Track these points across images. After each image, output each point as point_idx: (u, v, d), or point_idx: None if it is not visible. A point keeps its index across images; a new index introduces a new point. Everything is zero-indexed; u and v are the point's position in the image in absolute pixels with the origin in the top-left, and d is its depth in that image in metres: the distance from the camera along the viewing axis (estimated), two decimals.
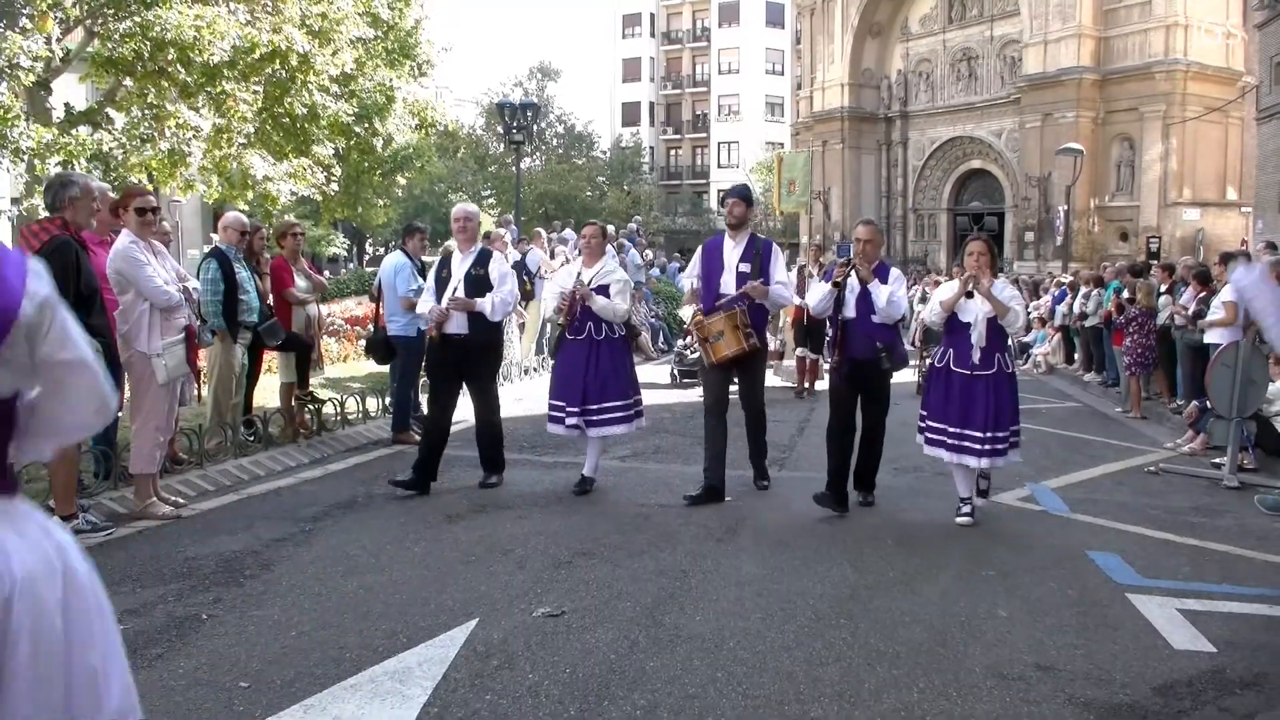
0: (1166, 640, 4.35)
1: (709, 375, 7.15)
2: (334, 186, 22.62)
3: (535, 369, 14.36)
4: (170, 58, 17.92)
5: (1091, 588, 5.08)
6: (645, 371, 13.98)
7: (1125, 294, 13.12)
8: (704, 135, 66.10)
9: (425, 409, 9.36)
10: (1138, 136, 33.42)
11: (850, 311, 6.56)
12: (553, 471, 7.79)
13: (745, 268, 6.91)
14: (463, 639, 4.02)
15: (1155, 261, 22.17)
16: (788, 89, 62.22)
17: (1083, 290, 16.39)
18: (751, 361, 7.09)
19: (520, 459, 8.24)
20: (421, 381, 9.03)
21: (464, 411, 7.54)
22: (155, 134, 18.93)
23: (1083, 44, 33.73)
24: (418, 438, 9.19)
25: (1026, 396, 8.47)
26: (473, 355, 7.16)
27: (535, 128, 34.58)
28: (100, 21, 18.58)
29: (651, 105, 67.88)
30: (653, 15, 67.68)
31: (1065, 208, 26.54)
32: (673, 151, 68.21)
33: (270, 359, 9.58)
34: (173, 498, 6.48)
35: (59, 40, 16.70)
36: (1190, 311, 11.84)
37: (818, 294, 6.82)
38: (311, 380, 9.43)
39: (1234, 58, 32.79)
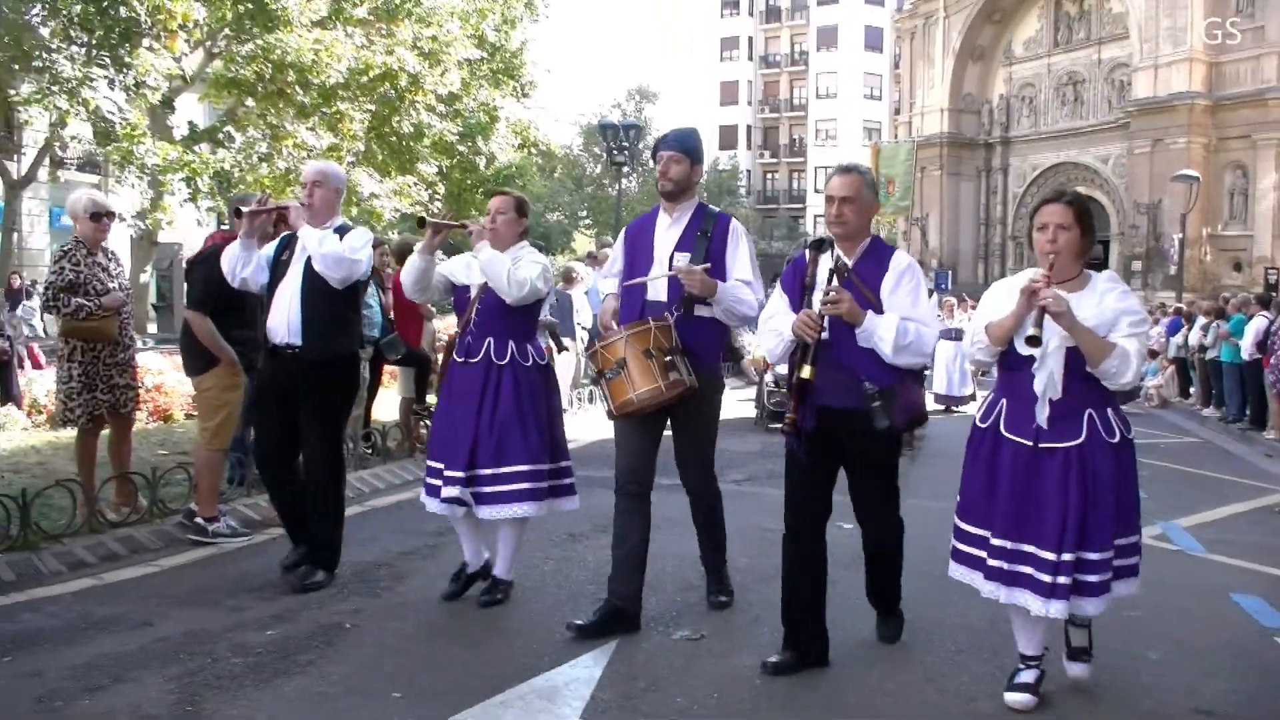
0: None
1: (620, 430, 4.62)
2: (437, 205, 23.14)
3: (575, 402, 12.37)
4: (290, 79, 18.62)
5: (1239, 631, 4.90)
6: (736, 406, 13.84)
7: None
8: (801, 159, 65.94)
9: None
10: (1251, 164, 32.51)
11: (825, 328, 3.91)
12: (671, 494, 7.77)
13: (682, 259, 4.49)
14: (605, 660, 4.04)
15: (1275, 293, 21.52)
16: (885, 113, 61.84)
17: (1200, 321, 15.94)
18: (687, 409, 4.49)
19: (601, 478, 8.24)
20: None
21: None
22: (274, 152, 19.66)
23: (1194, 69, 32.96)
24: None
25: (1142, 431, 6.92)
26: (308, 381, 5.00)
27: (635, 149, 34.95)
28: (222, 43, 19.39)
29: (749, 128, 67.99)
30: (751, 39, 67.91)
31: (1180, 236, 25.89)
32: (769, 175, 68.20)
33: (390, 373, 9.80)
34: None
35: (182, 58, 17.40)
36: None
37: (774, 330, 4.13)
38: (430, 396, 9.63)
39: None
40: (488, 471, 4.64)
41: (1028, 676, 3.81)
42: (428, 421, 9.07)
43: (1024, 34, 41.37)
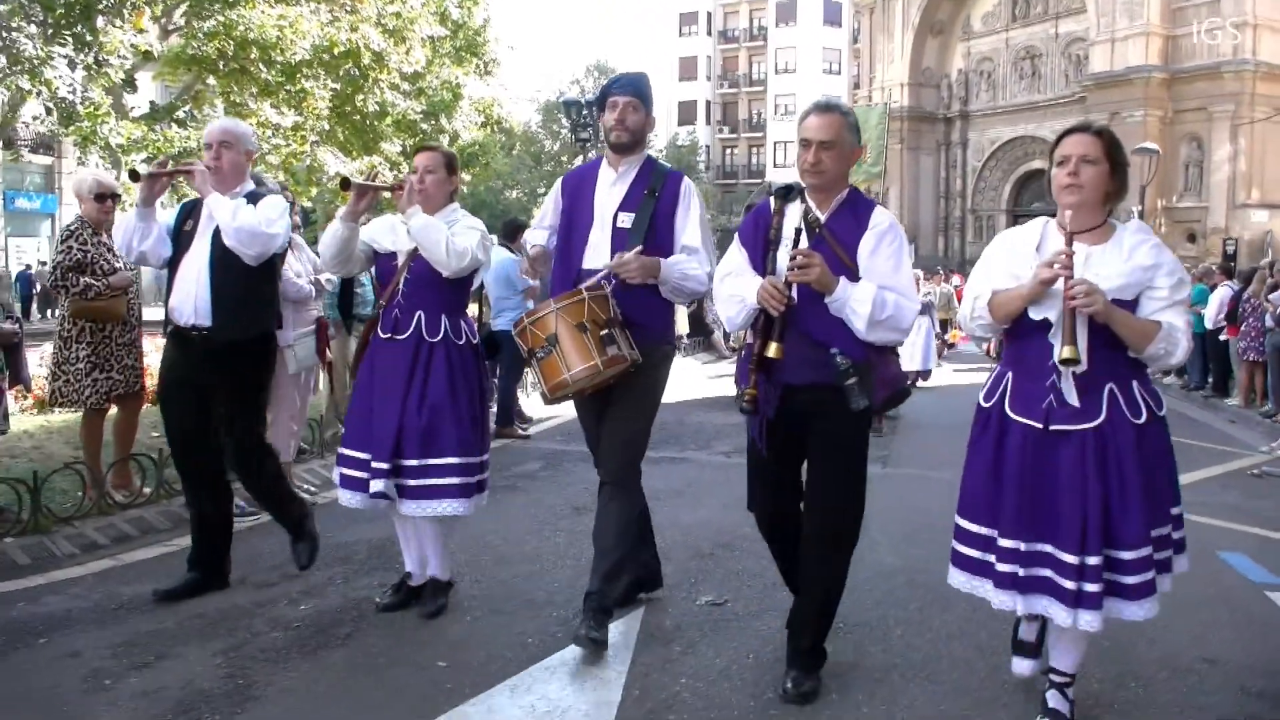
0: None
1: (579, 416, 4.35)
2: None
3: None
4: (252, 56, 18.42)
5: (1230, 586, 5.15)
6: (709, 384, 14.04)
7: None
8: (760, 135, 66.13)
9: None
10: (1206, 137, 33.11)
11: (792, 293, 3.39)
12: (660, 466, 7.91)
13: (627, 221, 4.01)
14: (637, 626, 4.15)
15: (1233, 264, 21.98)
16: (845, 88, 62.05)
17: None
18: (624, 388, 3.98)
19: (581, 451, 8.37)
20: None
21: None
22: None
23: (1150, 42, 33.48)
24: (520, 432, 9.44)
25: None
26: (219, 367, 4.45)
27: (598, 125, 34.95)
28: (180, 20, 19.12)
29: (708, 104, 68.02)
30: (710, 14, 67.85)
31: (1140, 208, 26.33)
32: (729, 150, 68.30)
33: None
34: (304, 485, 6.72)
35: (141, 34, 17.13)
36: (1277, 312, 11.81)
37: (733, 294, 3.58)
38: None
39: None
40: (414, 462, 4.10)
41: (1054, 701, 3.29)
42: None
43: (982, 9, 41.75)
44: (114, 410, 6.15)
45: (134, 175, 4.40)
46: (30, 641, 3.94)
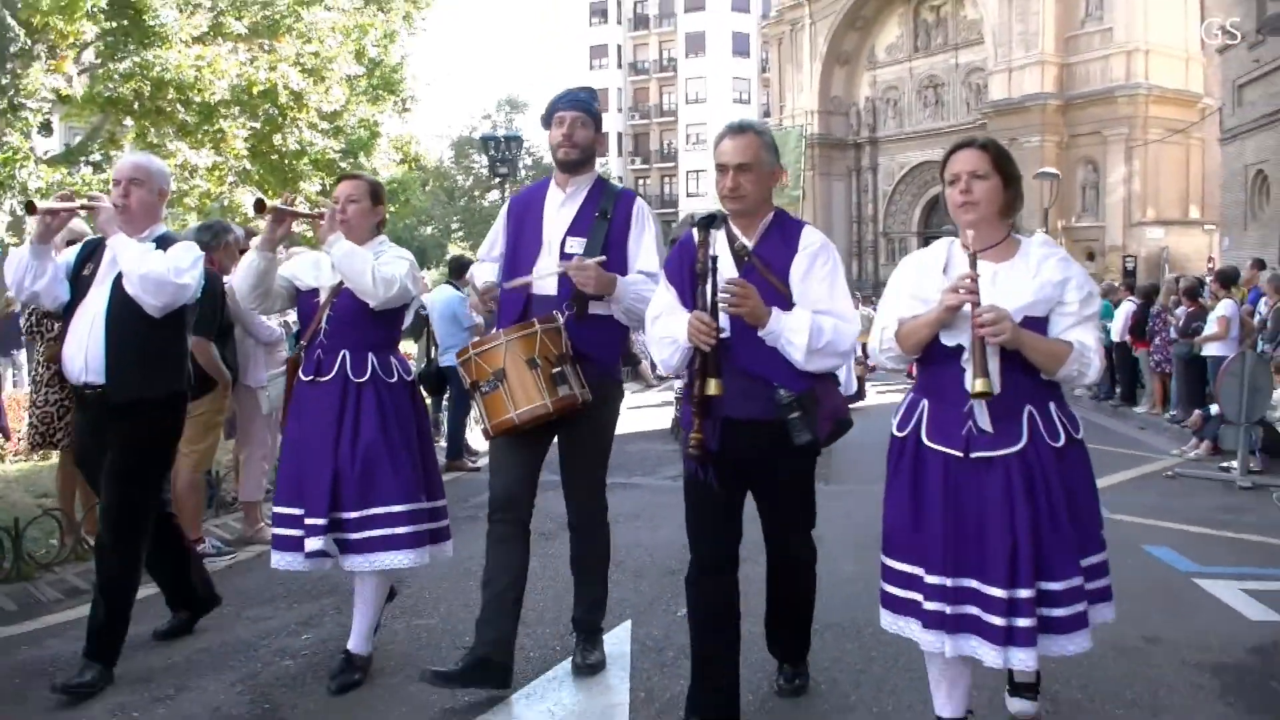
0: (1242, 614, 4.95)
1: (495, 447, 3.98)
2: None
3: None
4: (170, 96, 18.35)
5: (1161, 575, 5.64)
6: (636, 415, 14.31)
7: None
8: (672, 165, 66.98)
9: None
10: (1101, 159, 34.49)
11: (723, 325, 3.26)
12: (613, 491, 8.08)
13: (577, 246, 3.81)
14: (628, 637, 4.42)
15: (1133, 280, 23.02)
16: (755, 116, 63.25)
17: None
18: (578, 420, 3.83)
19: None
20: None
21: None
22: None
23: (1046, 71, 34.83)
24: (470, 465, 9.64)
25: None
26: (113, 428, 4.04)
27: (515, 160, 35.19)
28: (94, 60, 18.95)
29: (620, 135, 68.67)
30: (620, 46, 68.65)
31: (1044, 229, 27.45)
32: (641, 181, 68.97)
33: None
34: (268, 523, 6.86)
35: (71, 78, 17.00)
36: (1181, 325, 12.58)
37: (664, 335, 3.44)
38: None
39: (1193, 80, 34.00)
40: (354, 515, 3.85)
41: (1023, 677, 3.31)
42: None
43: (886, 39, 43.04)
44: None
45: (30, 208, 4.00)
46: (45, 682, 4.02)
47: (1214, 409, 10.34)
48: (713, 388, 3.17)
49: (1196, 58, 33.84)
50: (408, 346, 11.36)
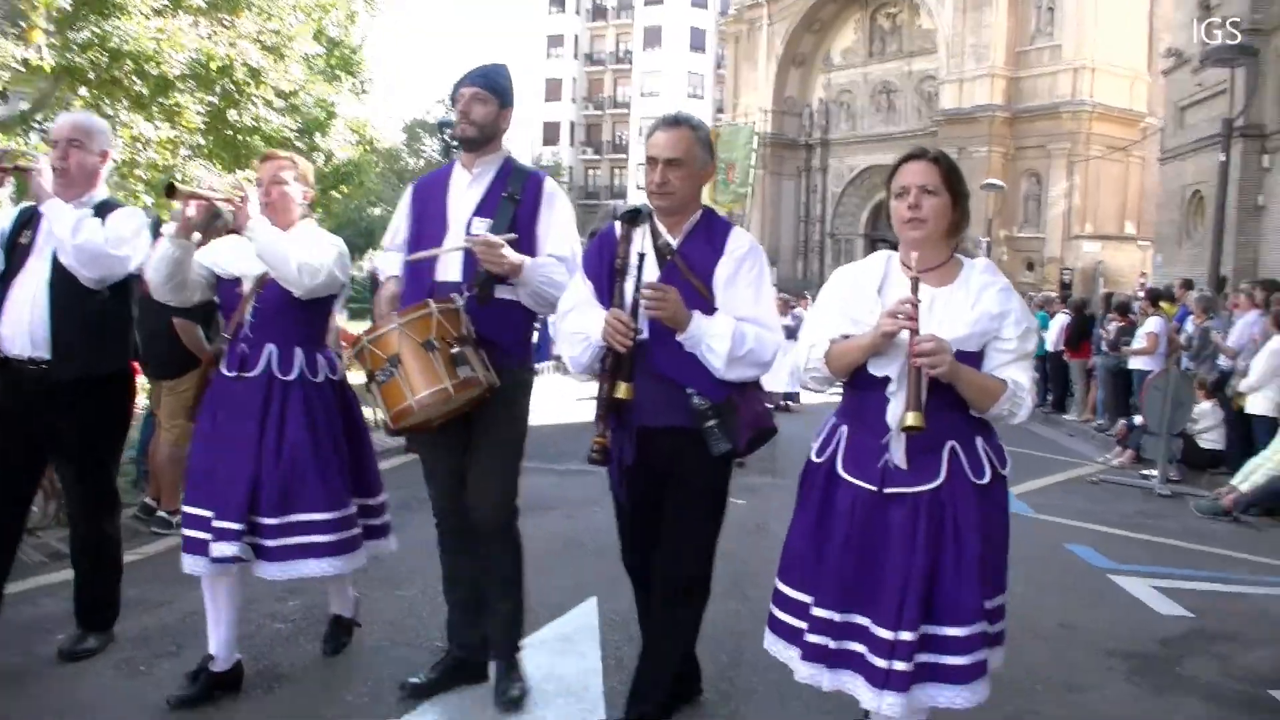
0: (1152, 608, 5.46)
1: (423, 452, 3.92)
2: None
3: None
4: (126, 68, 18.30)
5: (1079, 572, 6.15)
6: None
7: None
8: (623, 156, 67.17)
9: None
10: (1044, 172, 35.42)
11: (642, 326, 3.19)
12: (568, 478, 8.36)
13: (483, 228, 3.57)
14: (595, 610, 4.75)
15: (1068, 292, 23.84)
16: (708, 113, 63.64)
17: None
18: (484, 416, 3.60)
19: (531, 467, 8.90)
20: None
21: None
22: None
23: (995, 83, 35.67)
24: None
25: None
26: (61, 409, 3.92)
27: None
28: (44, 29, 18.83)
29: (572, 125, 68.84)
30: (577, 36, 68.74)
31: (987, 240, 28.26)
32: (591, 171, 69.22)
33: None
34: None
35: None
36: (1112, 339, 13.23)
37: (576, 331, 3.36)
38: None
39: (1136, 99, 35.07)
40: (274, 521, 3.62)
41: None
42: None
43: (841, 44, 43.69)
44: None
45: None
46: (48, 638, 4.24)
47: (1138, 420, 10.95)
48: (623, 391, 3.03)
49: (1142, 77, 34.94)
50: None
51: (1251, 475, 8.55)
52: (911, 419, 2.61)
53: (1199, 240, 19.80)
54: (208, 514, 3.62)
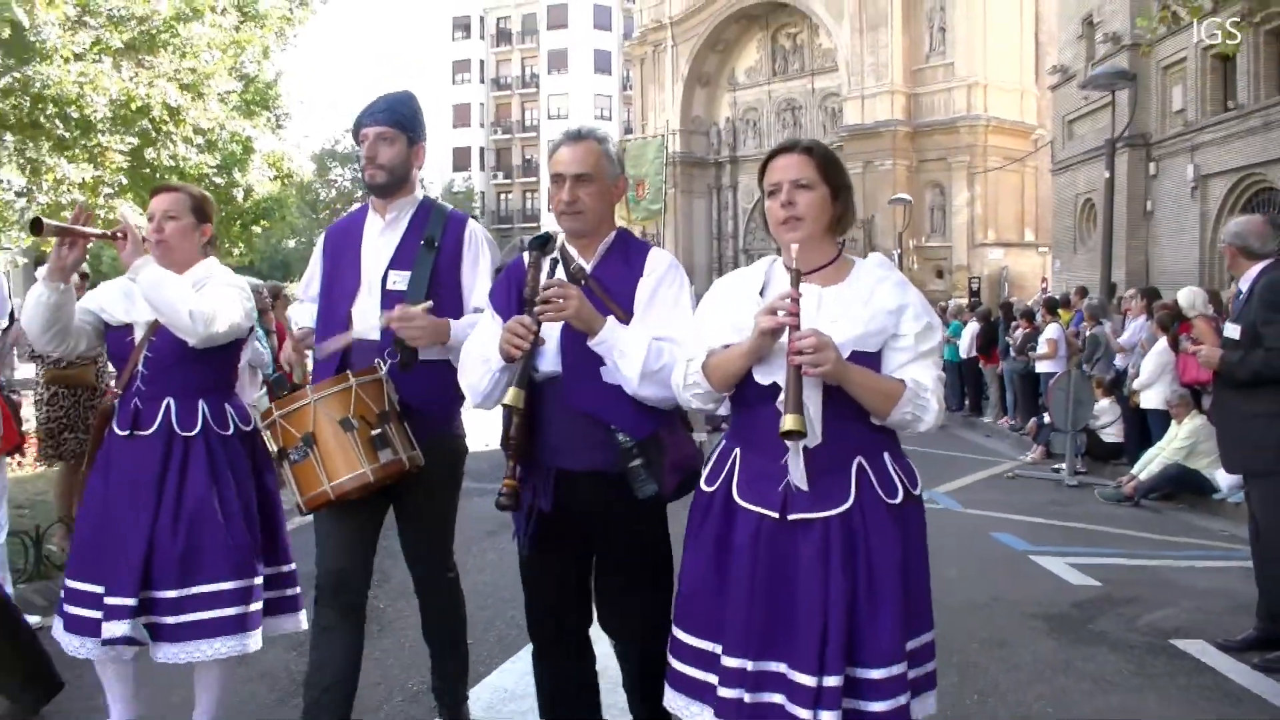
0: (1067, 580, 6.41)
1: (320, 520, 3.40)
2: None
3: None
4: (49, 112, 18.49)
5: (1003, 554, 7.04)
6: None
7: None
8: (534, 179, 67.90)
9: None
10: (947, 183, 36.89)
11: (553, 363, 2.91)
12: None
13: (401, 281, 3.33)
14: None
15: (977, 299, 25.17)
16: (616, 133, 64.63)
17: None
18: (415, 488, 3.35)
19: (470, 487, 9.46)
20: None
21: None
22: (34, 188, 19.42)
23: (895, 100, 37.04)
24: None
25: None
26: None
27: None
28: None
29: (482, 150, 69.31)
30: (482, 62, 69.37)
31: (899, 251, 29.57)
32: (503, 196, 69.80)
33: None
34: None
35: None
36: (1019, 344, 14.32)
37: (474, 355, 3.01)
38: None
39: (1028, 112, 36.83)
40: (171, 595, 3.27)
41: None
42: None
43: (745, 63, 44.88)
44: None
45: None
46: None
47: (1046, 418, 11.99)
48: (510, 397, 2.73)
49: (1030, 91, 36.71)
50: None
51: (1149, 464, 9.53)
52: (790, 422, 2.32)
53: (1092, 246, 21.07)
54: (97, 589, 3.30)
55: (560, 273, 2.87)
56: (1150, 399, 10.20)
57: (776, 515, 2.52)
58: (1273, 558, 4.94)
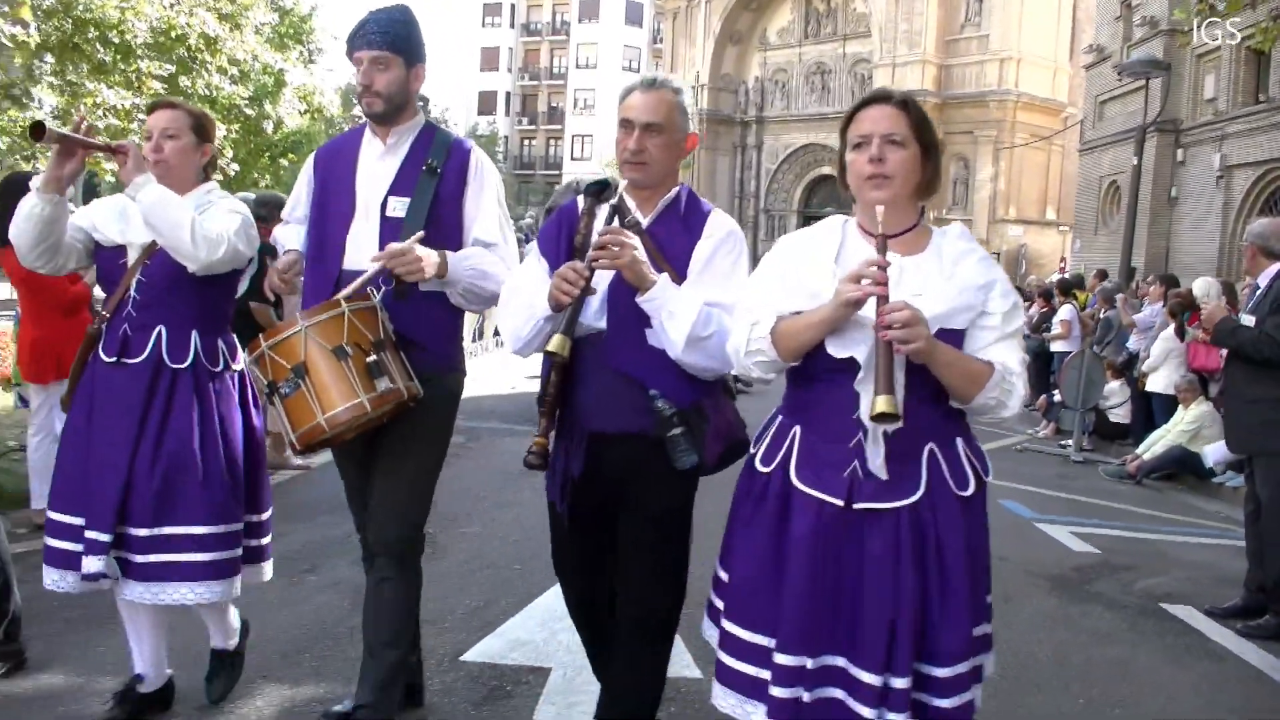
0: (1068, 546, 6.81)
1: (340, 470, 3.43)
2: (234, 167, 23.48)
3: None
4: (90, 36, 18.76)
5: (1010, 521, 7.41)
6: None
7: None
8: (559, 127, 67.77)
9: None
10: (972, 158, 36.94)
11: (596, 318, 2.76)
12: (519, 439, 9.34)
13: (400, 208, 3.13)
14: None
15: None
16: None
17: None
18: (400, 427, 3.11)
19: (499, 428, 9.67)
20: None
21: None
22: (71, 110, 19.70)
23: (926, 70, 37.01)
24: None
25: None
26: None
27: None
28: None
29: (508, 95, 69.13)
30: (513, 6, 68.96)
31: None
32: (527, 142, 69.65)
33: None
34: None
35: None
36: (1034, 323, 14.62)
37: (522, 304, 2.83)
38: None
39: (1059, 90, 36.79)
40: (144, 532, 3.13)
41: None
42: None
43: (778, 23, 44.72)
44: None
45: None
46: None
47: (1056, 396, 12.33)
48: (555, 344, 2.59)
49: (1064, 69, 36.65)
50: None
51: (1153, 446, 9.89)
52: (883, 404, 2.14)
53: (1115, 228, 21.24)
54: (78, 522, 3.18)
55: (616, 223, 2.73)
56: (1157, 382, 10.50)
57: (841, 503, 2.35)
58: (1274, 536, 5.23)
